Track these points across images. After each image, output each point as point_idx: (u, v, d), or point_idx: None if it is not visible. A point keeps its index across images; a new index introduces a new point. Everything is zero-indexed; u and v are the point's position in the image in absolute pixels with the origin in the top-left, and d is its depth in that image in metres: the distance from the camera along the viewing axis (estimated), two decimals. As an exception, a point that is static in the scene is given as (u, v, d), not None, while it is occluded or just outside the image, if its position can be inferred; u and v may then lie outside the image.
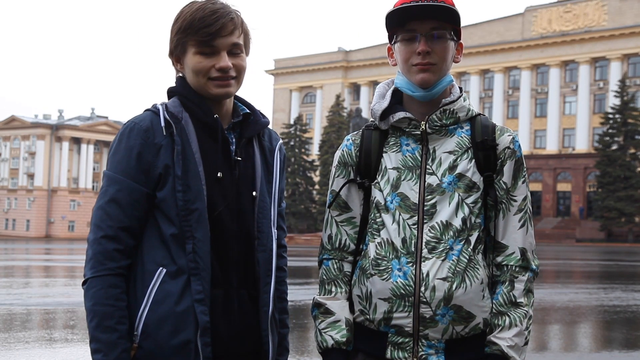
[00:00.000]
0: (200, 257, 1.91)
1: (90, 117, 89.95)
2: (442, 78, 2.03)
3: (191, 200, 1.91)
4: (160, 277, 1.91)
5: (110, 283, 1.90)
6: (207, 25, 1.93)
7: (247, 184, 2.03)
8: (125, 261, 1.93)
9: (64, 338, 8.43)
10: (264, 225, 2.04)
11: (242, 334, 2.00)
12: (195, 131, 1.98)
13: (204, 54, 1.96)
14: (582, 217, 59.68)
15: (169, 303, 1.89)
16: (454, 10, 1.98)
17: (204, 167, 1.96)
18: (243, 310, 2.00)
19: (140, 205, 1.93)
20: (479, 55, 66.42)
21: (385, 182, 2.04)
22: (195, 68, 1.97)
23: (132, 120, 1.98)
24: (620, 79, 56.56)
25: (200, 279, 1.90)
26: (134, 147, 1.93)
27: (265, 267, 2.03)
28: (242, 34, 2.01)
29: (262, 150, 2.11)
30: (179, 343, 1.88)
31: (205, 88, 1.98)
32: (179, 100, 2.02)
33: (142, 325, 1.90)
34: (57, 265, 25.35)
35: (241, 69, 2.01)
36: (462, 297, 1.94)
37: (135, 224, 1.94)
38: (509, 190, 2.04)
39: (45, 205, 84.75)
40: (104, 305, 1.88)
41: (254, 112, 2.10)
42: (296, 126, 68.33)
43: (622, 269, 24.30)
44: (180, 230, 1.91)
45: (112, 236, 1.91)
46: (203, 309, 1.89)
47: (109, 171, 1.96)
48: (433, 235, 1.97)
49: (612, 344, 8.88)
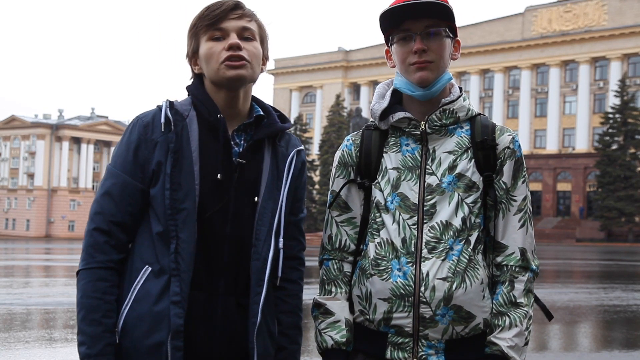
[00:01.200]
0: (182, 258, 1.86)
1: (90, 116, 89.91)
2: (440, 76, 2.02)
3: (180, 200, 1.87)
4: (145, 276, 1.89)
5: (98, 276, 1.88)
6: (213, 10, 1.96)
7: (247, 189, 1.97)
8: (117, 255, 1.91)
9: (64, 338, 8.44)
10: (262, 233, 1.97)
11: (225, 342, 1.93)
12: (199, 130, 1.95)
13: (214, 39, 1.96)
14: (582, 217, 59.66)
15: (147, 302, 1.86)
16: (447, 6, 1.97)
17: (201, 167, 1.91)
18: (228, 317, 1.93)
19: (133, 200, 1.91)
20: (479, 55, 66.38)
21: (385, 182, 2.03)
22: (207, 54, 1.96)
23: (138, 116, 1.98)
24: (620, 78, 56.50)
25: (179, 281, 1.86)
26: (132, 142, 1.93)
27: (257, 276, 1.95)
28: (254, 22, 2.00)
29: (275, 155, 2.03)
30: (152, 344, 1.84)
31: (219, 73, 1.95)
32: (191, 99, 2.01)
33: (122, 322, 1.88)
34: (57, 265, 25.33)
35: (254, 55, 1.97)
36: (462, 297, 1.94)
37: (128, 219, 1.92)
38: (508, 190, 2.03)
39: (45, 205, 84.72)
40: (90, 297, 1.86)
41: (269, 115, 2.04)
42: (296, 126, 68.28)
43: (622, 269, 24.28)
44: (166, 229, 1.88)
45: (104, 230, 1.90)
46: (178, 311, 1.84)
47: (109, 164, 1.97)
48: (433, 235, 1.96)
49: (612, 343, 8.88)
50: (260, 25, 2.02)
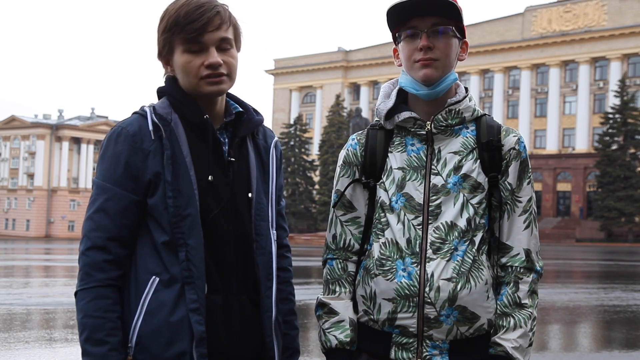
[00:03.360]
0: (194, 265, 1.83)
1: (90, 117, 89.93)
2: (445, 75, 2.01)
3: (183, 206, 1.84)
4: (154, 286, 1.84)
5: (98, 294, 1.82)
6: (192, 20, 1.85)
7: (241, 186, 1.96)
8: (116, 272, 1.85)
9: (64, 338, 8.43)
10: (262, 227, 1.97)
11: (244, 340, 1.93)
12: (185, 133, 1.90)
13: (192, 52, 1.88)
14: (582, 217, 59.66)
15: (163, 313, 1.82)
16: (455, 5, 1.95)
17: (196, 171, 1.88)
18: (244, 315, 1.94)
19: (129, 213, 1.86)
20: (479, 55, 66.38)
21: (390, 182, 2.03)
22: (185, 68, 1.89)
23: (120, 125, 1.91)
24: (620, 78, 56.53)
25: (194, 288, 1.82)
26: (121, 153, 1.86)
27: (265, 270, 1.97)
28: (231, 27, 1.92)
29: (257, 149, 2.03)
30: (174, 354, 1.81)
31: (197, 88, 1.90)
32: (168, 101, 1.93)
33: (136, 336, 1.83)
34: (57, 265, 25.33)
35: (232, 66, 1.92)
36: (467, 297, 1.93)
37: (126, 233, 1.86)
38: (514, 191, 2.03)
39: (45, 205, 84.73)
40: (92, 317, 1.81)
41: (247, 110, 2.01)
42: (296, 126, 68.27)
43: (622, 269, 24.29)
44: (173, 238, 1.84)
45: (101, 246, 1.84)
46: (198, 318, 1.82)
47: (97, 179, 1.89)
48: (438, 235, 1.96)
49: (612, 344, 8.88)
50: (236, 26, 1.95)
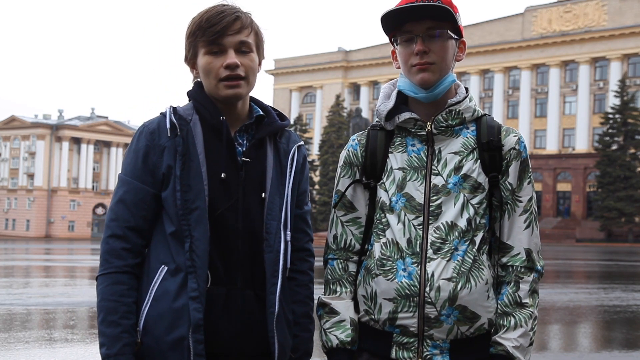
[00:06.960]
0: (197, 256, 1.94)
1: (90, 117, 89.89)
2: (442, 78, 2.02)
3: (191, 200, 1.96)
4: (162, 275, 1.97)
5: (115, 280, 1.97)
6: (213, 24, 1.99)
7: (254, 186, 2.05)
8: (133, 259, 1.99)
9: (64, 338, 8.43)
10: (272, 226, 2.04)
11: (246, 333, 2.00)
12: (203, 133, 2.03)
13: (212, 54, 2.01)
14: (582, 217, 59.66)
15: (167, 300, 1.94)
16: (448, 9, 1.96)
17: (208, 168, 2.00)
18: (248, 310, 2.01)
19: (146, 205, 2.00)
20: (479, 55, 66.39)
21: (390, 182, 2.04)
22: (205, 69, 2.02)
23: (144, 124, 2.07)
24: (620, 79, 56.49)
25: (195, 277, 1.93)
26: (141, 149, 2.01)
27: (271, 267, 2.03)
28: (252, 33, 2.05)
29: (277, 152, 2.11)
30: (174, 339, 1.92)
31: (216, 90, 2.03)
32: (192, 104, 2.08)
33: (144, 321, 1.96)
34: (57, 265, 25.34)
35: (250, 69, 2.04)
36: (467, 297, 1.94)
37: (142, 223, 2.00)
38: (514, 191, 2.04)
39: (45, 205, 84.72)
40: (108, 300, 1.95)
41: (268, 114, 2.12)
42: (296, 126, 68.28)
43: (622, 269, 24.30)
44: (179, 229, 1.96)
45: (120, 235, 1.98)
46: (197, 306, 1.92)
47: (120, 173, 2.05)
48: (438, 235, 1.97)
49: (612, 344, 8.88)
50: (257, 33, 2.08)
